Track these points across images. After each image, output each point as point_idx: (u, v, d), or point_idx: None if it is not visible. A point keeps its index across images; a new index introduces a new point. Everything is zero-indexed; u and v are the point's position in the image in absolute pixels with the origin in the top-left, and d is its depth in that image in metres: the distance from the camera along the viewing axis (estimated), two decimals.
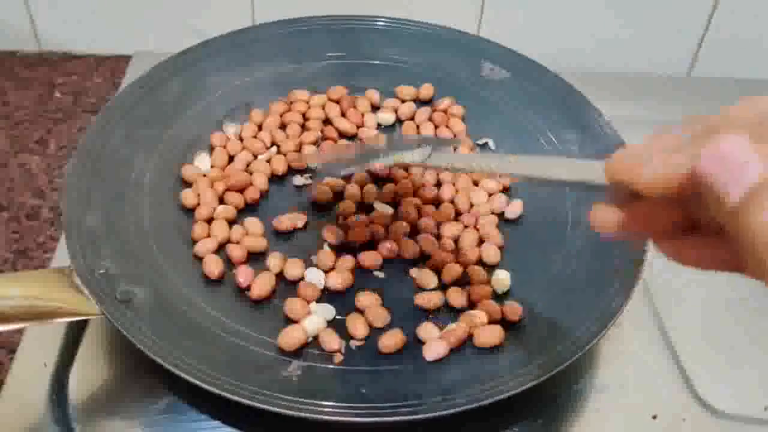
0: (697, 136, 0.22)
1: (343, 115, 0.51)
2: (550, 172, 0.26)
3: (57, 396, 0.37)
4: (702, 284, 0.45)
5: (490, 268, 0.42)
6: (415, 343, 0.38)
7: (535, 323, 0.39)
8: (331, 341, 0.37)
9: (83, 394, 0.38)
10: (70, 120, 0.57)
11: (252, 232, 0.43)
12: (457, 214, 0.45)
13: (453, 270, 0.41)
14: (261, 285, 0.40)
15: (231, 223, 0.44)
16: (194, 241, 0.42)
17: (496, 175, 0.45)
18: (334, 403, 0.33)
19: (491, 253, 0.43)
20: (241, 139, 0.49)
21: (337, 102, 0.52)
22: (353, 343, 0.38)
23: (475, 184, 0.47)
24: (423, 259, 0.43)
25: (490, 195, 0.46)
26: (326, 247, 0.42)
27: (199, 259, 0.41)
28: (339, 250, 0.42)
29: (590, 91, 0.50)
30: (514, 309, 0.39)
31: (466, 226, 0.44)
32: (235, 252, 0.41)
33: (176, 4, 0.61)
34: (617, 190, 0.24)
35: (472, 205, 0.46)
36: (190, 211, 0.44)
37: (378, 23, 0.55)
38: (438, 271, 0.42)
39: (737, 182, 0.19)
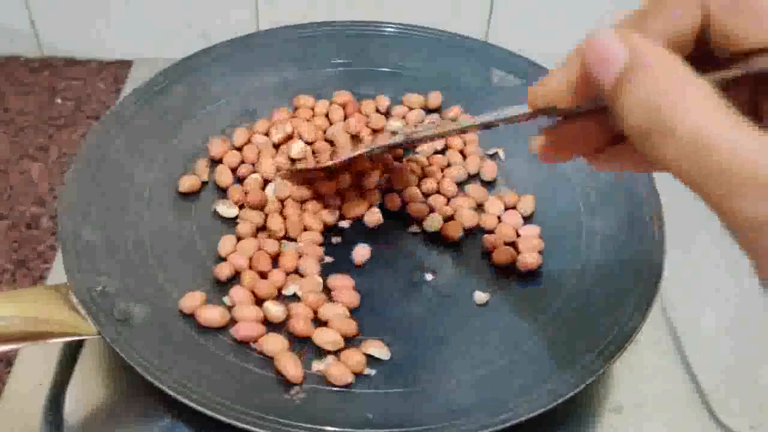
0: None
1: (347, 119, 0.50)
2: (502, 114, 0.28)
3: (52, 416, 0.36)
4: (721, 302, 0.44)
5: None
6: (422, 366, 0.37)
7: (549, 344, 0.37)
8: (344, 376, 0.35)
9: (79, 414, 0.37)
10: (72, 126, 0.56)
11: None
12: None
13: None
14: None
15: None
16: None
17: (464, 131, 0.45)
18: (338, 429, 0.32)
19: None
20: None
21: (343, 106, 0.50)
22: (365, 371, 0.36)
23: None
24: None
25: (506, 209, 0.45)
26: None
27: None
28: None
29: None
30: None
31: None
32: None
33: (179, 10, 0.60)
34: (543, 114, 0.26)
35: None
36: (189, 225, 0.43)
37: (385, 30, 0.54)
38: None
39: (608, 70, 0.21)
